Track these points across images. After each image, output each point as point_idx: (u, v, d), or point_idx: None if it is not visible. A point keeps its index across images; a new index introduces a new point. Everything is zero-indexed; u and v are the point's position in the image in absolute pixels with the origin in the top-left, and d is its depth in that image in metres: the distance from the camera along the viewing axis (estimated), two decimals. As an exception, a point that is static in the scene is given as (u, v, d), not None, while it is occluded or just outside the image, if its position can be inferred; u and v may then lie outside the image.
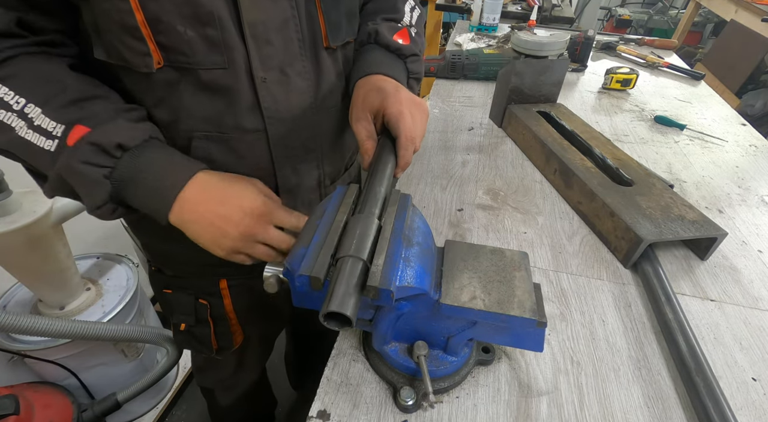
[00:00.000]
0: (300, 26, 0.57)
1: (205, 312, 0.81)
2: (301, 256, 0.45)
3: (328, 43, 0.62)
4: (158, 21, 0.49)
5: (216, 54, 0.53)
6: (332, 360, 0.58)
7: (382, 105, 0.58)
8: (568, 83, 1.49)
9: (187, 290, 0.80)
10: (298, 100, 0.61)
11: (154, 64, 0.52)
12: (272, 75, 0.57)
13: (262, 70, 0.56)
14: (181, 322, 0.84)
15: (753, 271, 0.77)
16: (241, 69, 0.55)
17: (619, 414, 0.54)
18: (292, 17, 0.56)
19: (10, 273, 1.09)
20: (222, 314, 0.83)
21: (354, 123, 0.61)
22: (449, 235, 0.81)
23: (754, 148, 1.16)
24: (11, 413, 0.96)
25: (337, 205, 0.52)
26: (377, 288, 0.41)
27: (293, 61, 0.59)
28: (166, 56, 0.52)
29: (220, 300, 0.81)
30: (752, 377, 0.59)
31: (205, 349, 0.87)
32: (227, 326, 0.85)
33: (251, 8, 0.52)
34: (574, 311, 0.67)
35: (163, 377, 1.35)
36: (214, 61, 0.53)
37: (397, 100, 0.58)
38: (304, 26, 0.58)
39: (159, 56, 0.52)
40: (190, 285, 0.80)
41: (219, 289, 0.80)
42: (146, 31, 0.49)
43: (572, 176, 0.88)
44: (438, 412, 0.53)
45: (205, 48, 0.52)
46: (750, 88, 3.08)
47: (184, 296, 0.80)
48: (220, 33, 0.52)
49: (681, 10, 4.42)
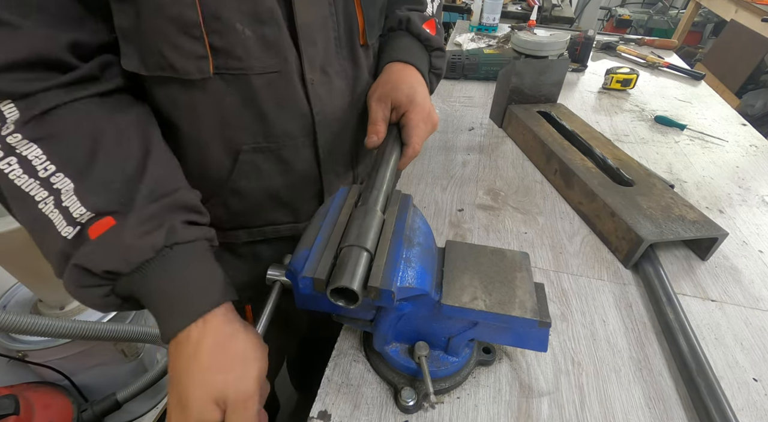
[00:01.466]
0: (337, 24, 0.56)
1: None
2: (304, 258, 0.45)
3: (365, 40, 0.60)
4: (217, 18, 0.44)
5: (270, 56, 0.50)
6: (333, 361, 0.58)
7: (406, 106, 0.60)
8: (569, 83, 1.49)
9: None
10: (340, 100, 0.60)
11: (211, 69, 0.47)
12: (317, 76, 0.55)
13: (310, 72, 0.54)
14: None
15: (754, 271, 0.77)
16: (293, 71, 0.53)
17: (620, 415, 0.54)
18: (330, 15, 0.54)
19: (10, 273, 1.09)
20: None
21: (374, 100, 0.61)
22: (450, 236, 0.81)
23: (755, 148, 1.16)
24: (11, 413, 0.96)
25: (340, 206, 0.52)
26: (378, 289, 0.41)
27: (332, 60, 0.57)
28: (217, 62, 0.47)
29: None
30: (753, 377, 0.59)
31: None
32: None
33: (304, 8, 0.50)
34: (575, 311, 0.67)
35: (163, 377, 1.34)
36: (267, 64, 0.50)
37: (422, 110, 0.60)
38: (341, 24, 0.56)
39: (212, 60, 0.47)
40: None
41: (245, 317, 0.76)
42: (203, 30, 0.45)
43: (573, 176, 0.88)
44: (439, 413, 0.53)
45: (259, 50, 0.49)
46: (750, 88, 3.09)
47: None
48: (278, 33, 0.49)
49: (681, 10, 4.42)
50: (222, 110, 0.52)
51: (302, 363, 1.51)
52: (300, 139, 0.58)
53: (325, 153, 0.62)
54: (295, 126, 0.57)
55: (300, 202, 0.65)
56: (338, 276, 0.40)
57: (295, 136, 0.58)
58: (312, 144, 0.60)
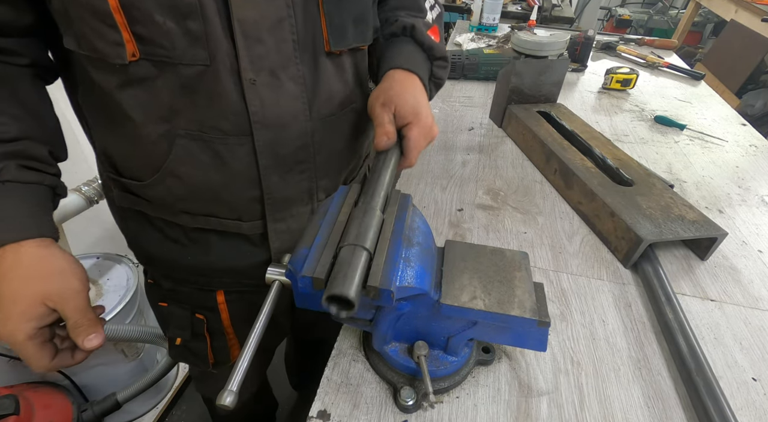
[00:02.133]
0: (296, 27, 0.54)
1: (202, 327, 0.78)
2: (304, 257, 0.45)
3: (329, 47, 0.58)
4: (133, 7, 0.46)
5: (198, 49, 0.49)
6: (332, 360, 0.58)
7: (410, 119, 0.61)
8: (568, 83, 1.49)
9: (183, 304, 0.77)
10: (289, 105, 0.57)
11: (128, 56, 0.48)
12: (262, 77, 0.53)
13: (251, 71, 0.52)
14: (177, 337, 0.81)
15: (753, 271, 0.77)
16: (226, 68, 0.52)
17: (619, 414, 0.54)
18: (288, 17, 0.52)
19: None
20: (219, 329, 0.80)
21: (378, 105, 0.62)
22: (449, 235, 0.81)
23: (754, 148, 1.16)
24: (11, 413, 0.96)
25: (340, 205, 0.52)
26: (377, 289, 0.41)
27: (287, 63, 0.55)
28: (143, 48, 0.48)
29: (217, 314, 0.78)
30: (752, 377, 0.59)
31: (201, 363, 0.84)
32: (224, 340, 0.82)
33: (243, 4, 0.49)
34: (575, 311, 0.67)
35: (163, 377, 1.35)
36: (195, 56, 0.50)
37: (425, 125, 0.62)
38: (301, 27, 0.54)
39: (134, 47, 0.48)
40: (186, 298, 0.76)
41: (217, 303, 0.77)
42: (120, 18, 0.46)
43: (572, 176, 0.88)
44: (438, 412, 0.53)
45: (185, 42, 0.49)
46: (750, 88, 3.09)
47: (180, 310, 0.77)
48: (204, 27, 0.48)
49: (681, 10, 4.42)
50: (155, 93, 0.52)
51: (301, 363, 1.51)
52: (234, 137, 0.57)
53: (265, 156, 0.59)
54: (227, 123, 0.55)
55: (239, 202, 0.63)
56: (334, 284, 0.39)
57: (229, 134, 0.56)
58: (250, 144, 0.57)
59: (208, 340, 0.80)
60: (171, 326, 0.80)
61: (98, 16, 0.46)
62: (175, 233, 0.67)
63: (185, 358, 0.86)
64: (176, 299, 0.77)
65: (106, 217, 1.58)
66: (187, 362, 0.89)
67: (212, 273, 0.71)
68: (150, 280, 0.79)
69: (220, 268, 0.70)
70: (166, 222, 0.66)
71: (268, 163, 0.60)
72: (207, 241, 0.67)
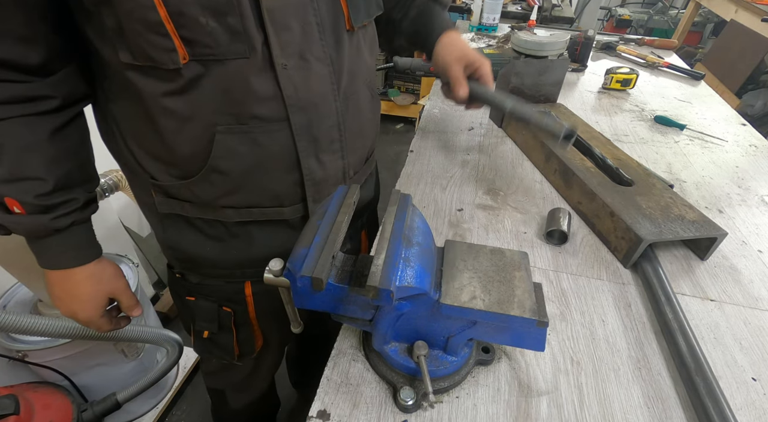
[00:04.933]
0: (318, 10, 0.57)
1: (229, 320, 0.81)
2: (303, 257, 0.45)
3: (350, 24, 0.61)
4: (181, 14, 0.49)
5: (238, 43, 0.53)
6: (332, 360, 0.58)
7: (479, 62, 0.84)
8: (568, 83, 1.49)
9: (211, 298, 0.80)
10: (319, 86, 0.61)
11: (181, 59, 0.52)
12: (292, 61, 0.57)
13: (282, 57, 0.56)
14: (204, 330, 0.84)
15: (753, 271, 0.77)
16: (262, 57, 0.55)
17: (618, 414, 0.54)
18: (310, 1, 0.56)
19: (10, 273, 1.09)
20: (246, 320, 0.83)
21: (454, 60, 0.82)
22: (449, 235, 0.81)
23: (754, 148, 1.16)
24: (11, 413, 0.96)
25: (338, 205, 0.52)
26: (377, 288, 0.41)
27: (312, 46, 0.58)
28: (191, 50, 0.52)
29: (244, 307, 0.81)
30: (752, 377, 0.59)
31: (226, 356, 0.88)
32: (250, 332, 0.85)
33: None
34: (574, 311, 0.67)
35: (163, 377, 1.35)
36: (236, 50, 0.53)
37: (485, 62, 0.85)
38: (323, 9, 0.58)
39: (184, 51, 0.52)
40: (213, 292, 0.79)
41: (244, 296, 0.79)
42: (170, 26, 0.50)
43: (572, 176, 0.88)
44: (438, 412, 0.53)
45: (227, 38, 0.52)
46: (750, 88, 3.08)
47: (208, 303, 0.80)
48: (241, 21, 0.52)
49: (681, 10, 4.42)
50: (199, 92, 0.56)
51: (301, 362, 1.51)
52: (273, 123, 0.60)
53: (302, 139, 0.62)
54: (265, 110, 0.58)
55: (280, 187, 0.66)
56: None
57: (268, 120, 0.59)
58: (287, 128, 0.61)
59: (234, 332, 0.84)
60: (198, 319, 0.83)
61: (151, 28, 0.50)
62: (216, 231, 0.71)
63: (210, 351, 0.89)
64: (203, 293, 0.80)
65: (108, 216, 1.58)
66: (212, 355, 0.92)
67: (251, 264, 0.74)
68: (178, 274, 0.82)
69: (260, 258, 0.72)
70: (206, 222, 0.70)
71: (305, 145, 0.63)
72: (248, 234, 0.71)
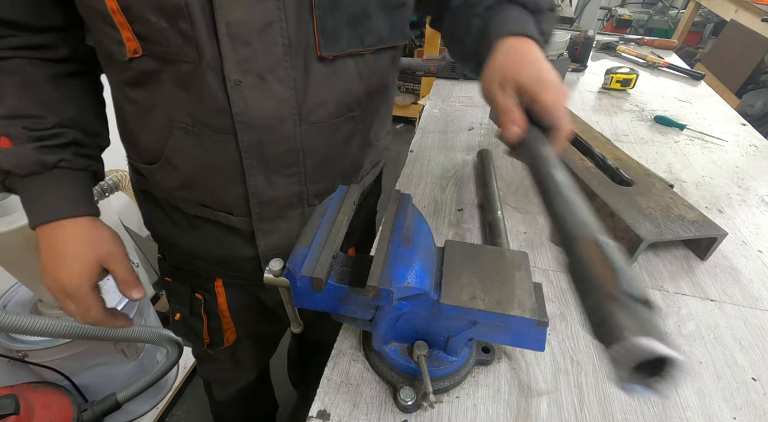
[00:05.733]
0: (287, 31, 0.52)
1: (199, 307, 0.83)
2: (303, 257, 0.45)
3: (320, 52, 0.56)
4: (129, 9, 0.49)
5: (189, 48, 0.51)
6: (332, 360, 0.58)
7: (535, 88, 0.51)
8: (568, 83, 1.49)
9: (185, 282, 0.82)
10: (276, 108, 0.56)
11: (128, 53, 0.52)
12: (249, 79, 0.53)
13: (237, 73, 0.53)
14: (177, 312, 0.86)
15: (753, 271, 0.77)
16: (211, 67, 0.52)
17: (618, 414, 0.54)
18: (278, 20, 0.51)
19: (10, 273, 1.09)
20: (215, 311, 0.84)
21: (497, 88, 0.53)
22: (449, 235, 0.81)
23: (754, 148, 1.16)
24: (11, 413, 0.96)
25: (339, 205, 0.52)
26: (377, 288, 0.41)
27: (275, 67, 0.54)
28: (145, 46, 0.52)
29: (214, 297, 0.82)
30: (752, 377, 0.59)
31: (197, 341, 0.90)
32: (219, 323, 0.86)
33: (230, 6, 0.49)
34: (574, 311, 0.67)
35: (163, 377, 1.35)
36: (187, 54, 0.51)
37: (554, 87, 0.51)
38: (293, 31, 0.53)
39: (136, 45, 0.51)
40: (187, 277, 0.81)
41: (214, 287, 0.81)
42: (121, 18, 0.49)
43: (572, 176, 0.88)
44: (438, 412, 0.53)
45: (179, 40, 0.50)
46: (750, 88, 3.08)
47: (182, 287, 0.82)
48: (191, 28, 0.49)
49: (681, 10, 4.42)
50: (156, 87, 0.56)
51: (301, 362, 1.51)
52: (220, 135, 0.58)
53: (250, 157, 0.59)
54: (213, 120, 0.57)
55: (228, 196, 0.65)
56: None
57: (215, 130, 0.58)
58: (234, 143, 0.58)
59: (204, 320, 0.85)
60: (172, 301, 0.86)
61: (101, 17, 0.50)
62: (177, 216, 0.72)
63: (184, 334, 0.91)
64: (179, 276, 0.82)
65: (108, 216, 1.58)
66: (185, 338, 0.94)
67: (207, 260, 0.76)
68: (159, 255, 0.84)
69: (214, 257, 0.74)
70: (171, 206, 0.71)
71: (252, 163, 0.60)
72: (203, 229, 0.71)
